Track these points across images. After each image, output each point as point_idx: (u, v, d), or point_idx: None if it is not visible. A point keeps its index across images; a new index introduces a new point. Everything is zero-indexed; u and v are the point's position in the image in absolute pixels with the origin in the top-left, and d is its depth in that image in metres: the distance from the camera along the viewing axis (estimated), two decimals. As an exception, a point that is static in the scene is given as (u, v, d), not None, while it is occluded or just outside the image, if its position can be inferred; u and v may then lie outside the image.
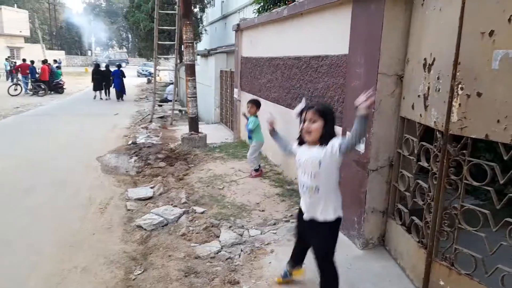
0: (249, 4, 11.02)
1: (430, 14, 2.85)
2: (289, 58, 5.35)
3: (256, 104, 5.69)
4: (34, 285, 3.04)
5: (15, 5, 42.52)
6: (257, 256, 3.48)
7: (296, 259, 2.93)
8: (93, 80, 17.35)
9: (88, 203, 4.80)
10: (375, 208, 3.52)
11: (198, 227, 3.99)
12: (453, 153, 2.60)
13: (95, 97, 17.38)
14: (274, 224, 4.09)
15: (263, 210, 4.43)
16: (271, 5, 6.62)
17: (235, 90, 8.07)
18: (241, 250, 3.58)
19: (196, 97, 7.88)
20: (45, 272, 3.23)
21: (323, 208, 2.42)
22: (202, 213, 4.35)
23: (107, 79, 17.43)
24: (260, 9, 7.47)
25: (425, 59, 2.89)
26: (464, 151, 2.53)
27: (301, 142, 2.54)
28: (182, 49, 7.88)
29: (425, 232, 2.92)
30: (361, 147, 3.46)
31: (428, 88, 2.84)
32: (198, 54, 12.39)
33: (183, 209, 4.41)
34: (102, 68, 18.09)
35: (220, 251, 3.55)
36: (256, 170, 5.63)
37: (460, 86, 2.48)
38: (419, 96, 2.97)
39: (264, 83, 6.38)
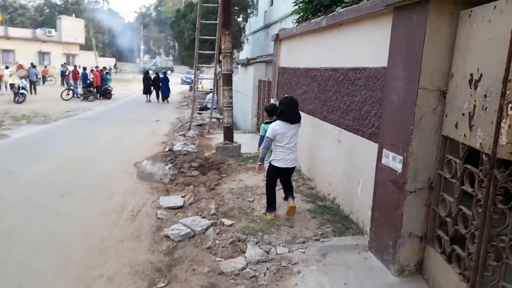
0: (291, 14, 10.98)
1: (478, 26, 2.60)
2: (326, 70, 5.19)
3: (267, 111, 5.29)
4: (60, 290, 3.10)
5: (73, 14, 45.55)
6: (283, 276, 3.34)
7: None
8: (143, 84, 19.81)
9: (121, 209, 4.89)
10: (412, 232, 3.25)
11: (224, 240, 3.92)
12: (501, 179, 2.33)
13: (146, 100, 19.51)
14: (303, 242, 3.91)
15: (292, 226, 4.27)
16: (311, 16, 6.50)
17: (272, 100, 7.98)
18: (267, 269, 3.44)
19: (232, 106, 7.87)
20: (72, 278, 3.29)
21: None
22: (230, 226, 4.27)
23: (156, 85, 19.86)
24: (300, 19, 7.35)
25: (471, 74, 2.64)
26: (514, 178, 2.26)
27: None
28: (220, 59, 7.92)
29: (467, 264, 2.65)
30: (397, 167, 3.24)
31: (474, 106, 2.59)
32: (238, 63, 12.46)
33: (211, 221, 4.36)
34: (150, 74, 20.53)
35: (245, 268, 3.44)
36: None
37: (510, 105, 2.23)
38: (463, 114, 2.72)
39: (300, 94, 6.24)
